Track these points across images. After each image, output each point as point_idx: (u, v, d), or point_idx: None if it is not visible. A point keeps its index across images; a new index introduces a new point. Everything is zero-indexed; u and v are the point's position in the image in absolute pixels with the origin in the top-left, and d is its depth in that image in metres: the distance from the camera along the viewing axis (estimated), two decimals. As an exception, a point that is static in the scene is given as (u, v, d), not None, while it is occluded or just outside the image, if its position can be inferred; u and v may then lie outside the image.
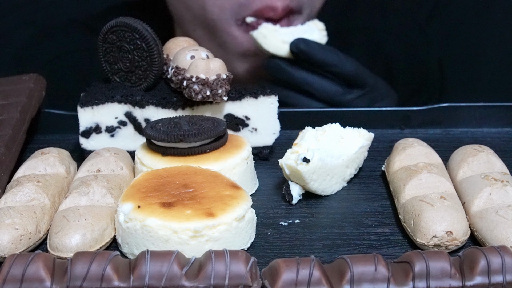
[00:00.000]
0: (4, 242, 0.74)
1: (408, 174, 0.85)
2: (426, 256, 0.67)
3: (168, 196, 0.78)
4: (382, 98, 1.16)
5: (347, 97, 1.14)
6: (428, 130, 1.08)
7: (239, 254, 0.67)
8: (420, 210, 0.79)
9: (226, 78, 0.91)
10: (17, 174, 0.87)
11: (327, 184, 0.88)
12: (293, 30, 1.17)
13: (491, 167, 0.87)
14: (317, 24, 1.20)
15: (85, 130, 0.96)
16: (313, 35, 1.17)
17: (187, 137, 0.86)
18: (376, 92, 1.16)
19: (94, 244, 0.76)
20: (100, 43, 0.98)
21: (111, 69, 0.99)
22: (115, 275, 0.66)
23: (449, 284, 0.66)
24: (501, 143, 1.03)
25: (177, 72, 0.93)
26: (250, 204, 0.79)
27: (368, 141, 0.93)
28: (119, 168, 0.88)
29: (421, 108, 1.08)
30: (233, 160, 0.88)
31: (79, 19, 1.39)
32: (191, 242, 0.74)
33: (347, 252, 0.78)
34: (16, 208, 0.79)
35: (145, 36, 0.94)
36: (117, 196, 0.83)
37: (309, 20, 1.21)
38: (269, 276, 0.67)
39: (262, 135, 0.98)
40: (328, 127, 0.90)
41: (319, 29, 1.19)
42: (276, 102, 0.97)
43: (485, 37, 1.44)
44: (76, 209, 0.79)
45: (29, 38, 1.40)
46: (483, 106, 1.08)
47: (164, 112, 0.95)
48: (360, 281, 0.66)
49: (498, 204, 0.80)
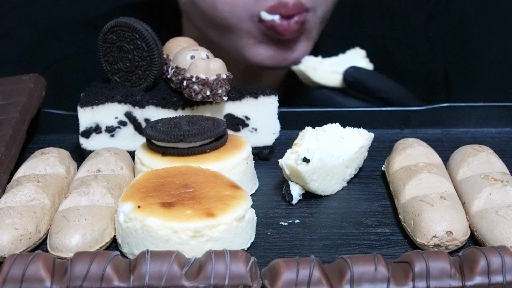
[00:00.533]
0: (4, 242, 0.74)
1: (408, 174, 0.85)
2: (426, 256, 0.67)
3: (168, 196, 0.78)
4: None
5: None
6: (428, 130, 1.08)
7: (239, 254, 0.67)
8: (420, 210, 0.79)
9: (226, 78, 0.91)
10: (17, 174, 0.87)
11: (327, 184, 0.88)
12: (337, 60, 1.19)
13: (491, 167, 0.87)
14: (358, 51, 1.22)
15: (85, 130, 0.96)
16: (359, 62, 1.19)
17: (187, 137, 0.86)
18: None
19: (94, 244, 0.76)
20: (100, 43, 0.98)
21: (111, 69, 0.99)
22: (115, 275, 0.66)
23: (449, 284, 0.66)
24: (501, 143, 1.03)
25: (177, 72, 0.93)
26: (250, 204, 0.79)
27: (368, 141, 0.93)
28: (119, 168, 0.88)
29: (421, 108, 1.08)
30: (233, 160, 0.88)
31: (82, 19, 1.39)
32: (191, 242, 0.74)
33: (347, 252, 0.78)
34: (16, 208, 0.79)
35: (145, 36, 0.94)
36: (117, 196, 0.83)
37: (352, 49, 1.22)
38: (269, 276, 0.67)
39: (262, 135, 0.98)
40: (328, 127, 0.90)
41: (362, 56, 1.21)
42: (276, 102, 0.97)
43: (485, 37, 1.45)
44: (76, 209, 0.79)
45: (30, 39, 1.40)
46: (483, 106, 1.08)
47: (164, 112, 0.95)
48: (360, 281, 0.66)
49: (498, 204, 0.80)
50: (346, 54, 1.22)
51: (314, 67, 1.19)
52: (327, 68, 1.18)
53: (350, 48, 1.23)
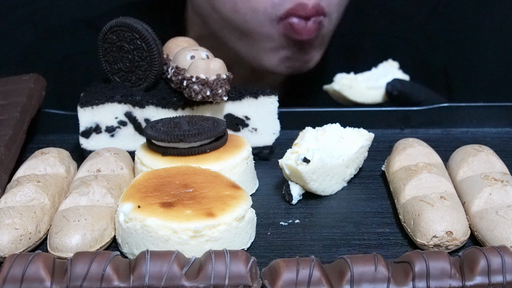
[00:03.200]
0: (4, 242, 0.74)
1: (408, 174, 0.85)
2: (426, 256, 0.67)
3: (168, 196, 0.78)
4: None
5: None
6: (428, 130, 1.08)
7: (239, 254, 0.67)
8: (420, 210, 0.79)
9: (226, 78, 0.91)
10: (17, 174, 0.87)
11: (327, 184, 0.88)
12: (370, 74, 1.16)
13: (491, 167, 0.87)
14: (392, 64, 1.19)
15: (85, 130, 0.96)
16: (396, 75, 1.15)
17: (187, 137, 0.86)
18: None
19: (94, 244, 0.76)
20: (100, 43, 0.98)
21: (111, 69, 0.99)
22: (115, 275, 0.66)
23: (449, 284, 0.66)
24: (501, 143, 1.03)
25: (177, 72, 0.94)
26: (250, 204, 0.79)
27: (368, 141, 0.93)
28: (119, 168, 0.88)
29: (421, 108, 1.09)
30: (233, 160, 0.88)
31: (82, 19, 1.39)
32: (191, 242, 0.74)
33: (347, 252, 0.78)
34: (16, 208, 0.79)
35: (145, 36, 0.94)
36: (117, 196, 0.83)
37: (384, 61, 1.20)
38: (269, 276, 0.67)
39: (262, 135, 0.98)
40: (328, 127, 0.90)
41: (396, 68, 1.18)
42: (276, 102, 0.97)
43: (485, 37, 1.44)
44: (76, 209, 0.79)
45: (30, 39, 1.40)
46: (483, 106, 1.08)
47: (164, 112, 0.95)
48: (360, 281, 0.66)
49: (498, 204, 0.80)
50: (379, 67, 1.18)
51: (350, 85, 1.15)
52: (363, 85, 1.15)
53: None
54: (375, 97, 1.15)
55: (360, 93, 1.15)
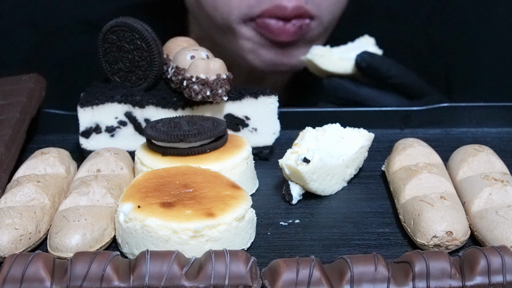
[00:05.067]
0: (4, 242, 0.74)
1: (408, 174, 0.85)
2: (426, 256, 0.67)
3: (168, 196, 0.78)
4: (435, 103, 1.15)
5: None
6: (428, 130, 1.08)
7: (239, 254, 0.67)
8: (420, 210, 0.79)
9: (226, 78, 0.91)
10: (17, 174, 0.87)
11: (327, 184, 0.88)
12: (345, 48, 1.16)
13: (491, 167, 0.87)
14: (368, 39, 1.19)
15: (85, 130, 0.96)
16: (369, 49, 1.15)
17: (187, 137, 0.86)
18: (432, 99, 1.14)
19: (94, 244, 0.76)
20: (100, 43, 0.98)
21: (111, 69, 0.99)
22: (115, 275, 0.66)
23: (449, 284, 0.66)
24: (501, 143, 1.03)
25: (177, 72, 0.94)
26: (250, 204, 0.79)
27: (368, 141, 0.93)
28: (119, 168, 0.88)
29: (421, 108, 1.08)
30: (233, 160, 0.88)
31: (82, 19, 1.39)
32: (191, 242, 0.74)
33: (347, 252, 0.78)
34: (16, 208, 0.79)
35: (145, 36, 0.94)
36: (117, 196, 0.83)
37: (361, 36, 1.19)
38: (269, 276, 0.67)
39: (262, 135, 0.98)
40: (328, 127, 0.90)
41: (371, 43, 1.18)
42: (276, 102, 0.97)
43: (485, 37, 1.45)
44: (76, 209, 0.79)
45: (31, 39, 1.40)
46: (483, 106, 1.08)
47: (164, 112, 0.95)
48: (360, 281, 0.66)
49: (498, 204, 0.80)
50: (355, 42, 1.18)
51: (321, 54, 1.15)
52: (335, 55, 1.15)
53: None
54: (345, 67, 1.14)
55: (331, 63, 1.14)
